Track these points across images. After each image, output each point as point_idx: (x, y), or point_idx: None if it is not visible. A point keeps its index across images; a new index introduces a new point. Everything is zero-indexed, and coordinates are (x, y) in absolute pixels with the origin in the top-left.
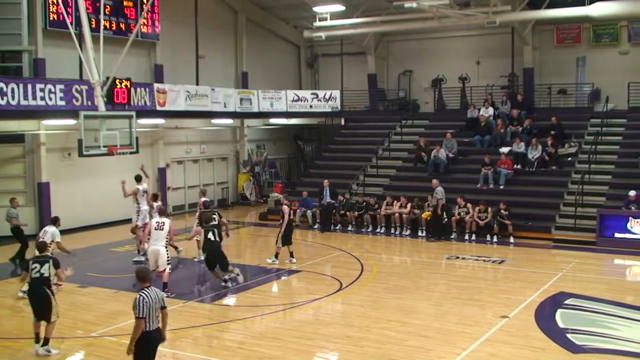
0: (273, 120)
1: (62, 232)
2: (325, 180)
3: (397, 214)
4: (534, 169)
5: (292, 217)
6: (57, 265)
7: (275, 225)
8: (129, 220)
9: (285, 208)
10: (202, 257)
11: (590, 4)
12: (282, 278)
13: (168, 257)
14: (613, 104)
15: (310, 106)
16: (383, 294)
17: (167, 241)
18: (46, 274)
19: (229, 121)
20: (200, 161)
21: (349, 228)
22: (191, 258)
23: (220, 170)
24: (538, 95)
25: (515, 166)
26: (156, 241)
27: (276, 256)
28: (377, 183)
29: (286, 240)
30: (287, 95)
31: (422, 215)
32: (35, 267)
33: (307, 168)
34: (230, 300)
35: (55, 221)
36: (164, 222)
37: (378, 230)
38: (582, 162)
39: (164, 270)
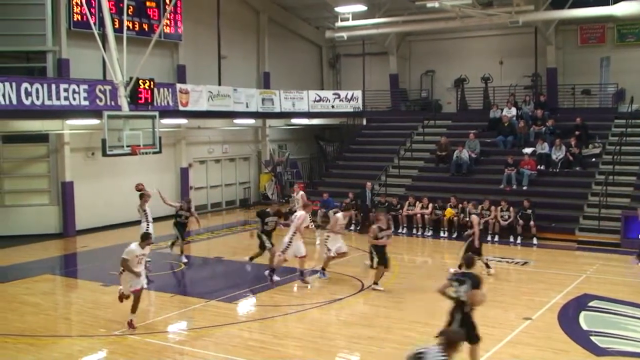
0: (295, 121)
1: (85, 232)
2: (368, 183)
3: (419, 215)
4: (557, 170)
5: (481, 227)
6: (476, 284)
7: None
8: (152, 220)
9: (475, 218)
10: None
11: (614, 3)
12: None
13: (288, 244)
14: (638, 104)
15: (332, 106)
16: (405, 295)
17: (293, 232)
18: (463, 297)
19: (251, 121)
20: (223, 161)
21: None
22: (213, 257)
23: (242, 170)
24: (561, 96)
25: (538, 167)
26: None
27: (488, 266)
28: (399, 183)
29: (476, 251)
30: (309, 96)
31: (444, 216)
32: (454, 286)
33: (329, 168)
34: (252, 299)
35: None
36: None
37: (400, 230)
38: (606, 163)
39: (302, 256)
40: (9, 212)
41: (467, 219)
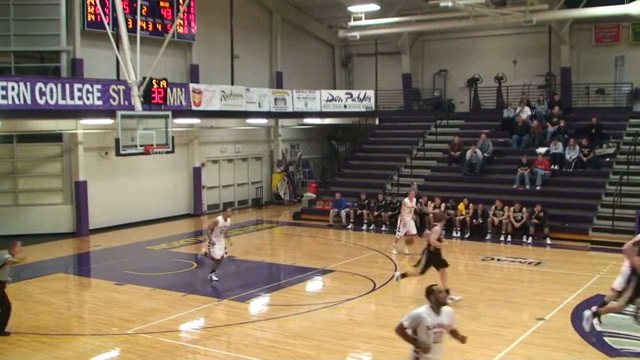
0: (307, 120)
1: (99, 231)
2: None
3: (431, 215)
4: (571, 170)
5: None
6: None
7: (312, 225)
8: (165, 219)
9: None
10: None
11: (629, 2)
12: (315, 278)
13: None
14: None
15: (345, 106)
16: (417, 295)
17: None
18: None
19: (264, 121)
20: (235, 161)
21: (383, 228)
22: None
23: (254, 170)
24: (575, 95)
25: (552, 167)
26: None
27: None
28: (411, 183)
29: None
30: (321, 95)
31: (457, 216)
32: None
33: (341, 168)
34: (264, 299)
35: None
36: None
37: None
38: (620, 162)
39: None
40: (23, 211)
41: (480, 220)
